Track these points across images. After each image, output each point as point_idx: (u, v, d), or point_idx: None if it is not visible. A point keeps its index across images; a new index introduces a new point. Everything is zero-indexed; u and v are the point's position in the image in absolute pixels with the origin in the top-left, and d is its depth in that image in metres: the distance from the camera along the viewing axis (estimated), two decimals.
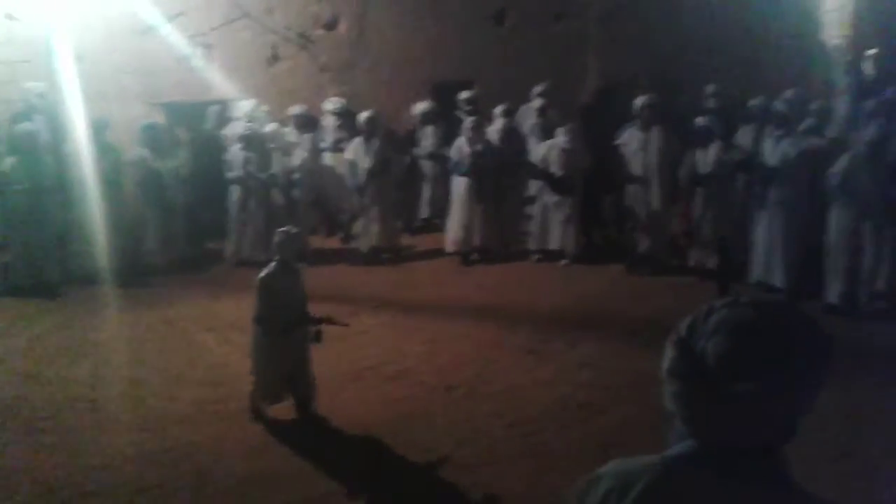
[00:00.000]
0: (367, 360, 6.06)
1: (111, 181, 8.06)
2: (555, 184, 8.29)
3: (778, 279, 7.15)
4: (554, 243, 8.50)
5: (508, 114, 9.07)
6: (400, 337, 6.59)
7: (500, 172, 8.66)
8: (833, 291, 6.67)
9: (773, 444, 1.37)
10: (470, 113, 9.29)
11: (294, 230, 5.18)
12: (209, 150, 9.26)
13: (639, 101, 8.05)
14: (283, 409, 5.16)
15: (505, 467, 4.55)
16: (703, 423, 1.37)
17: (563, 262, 8.45)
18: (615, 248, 8.62)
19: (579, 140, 8.38)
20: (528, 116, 9.68)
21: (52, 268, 7.86)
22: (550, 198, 8.41)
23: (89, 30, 9.15)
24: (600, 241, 8.92)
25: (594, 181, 8.51)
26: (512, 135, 8.95)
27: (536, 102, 9.63)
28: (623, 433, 4.82)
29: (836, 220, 6.63)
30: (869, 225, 6.46)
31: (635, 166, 7.94)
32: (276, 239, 5.07)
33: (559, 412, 5.23)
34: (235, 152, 8.65)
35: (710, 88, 9.36)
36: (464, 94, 9.81)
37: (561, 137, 8.29)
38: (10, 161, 7.75)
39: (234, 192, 8.70)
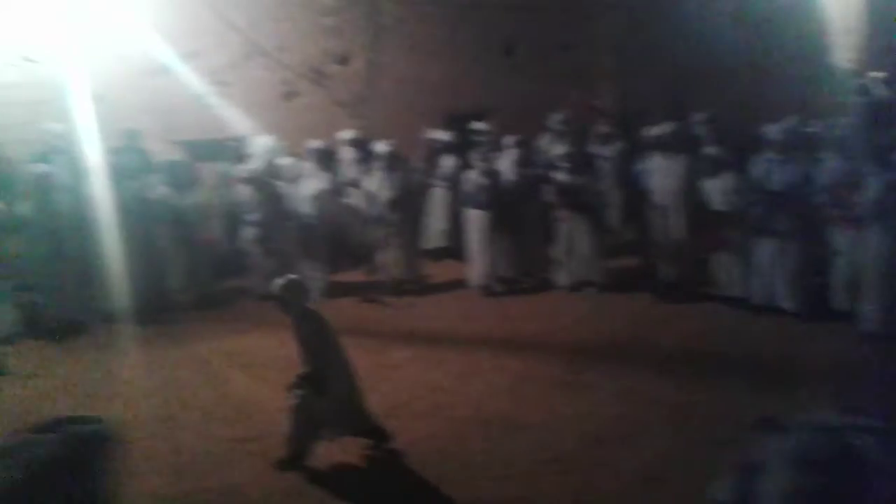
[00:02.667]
0: (397, 396, 5.99)
1: (135, 219, 8.08)
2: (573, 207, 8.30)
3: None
4: (580, 272, 8.49)
5: (520, 144, 9.06)
6: (429, 371, 6.52)
7: (517, 203, 8.66)
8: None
9: None
10: (482, 143, 9.35)
11: (295, 277, 5.13)
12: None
13: (662, 128, 8.06)
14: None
15: None
16: None
17: (590, 290, 8.41)
18: (643, 275, 8.56)
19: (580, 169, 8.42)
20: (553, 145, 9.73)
21: (78, 308, 7.84)
22: (572, 226, 8.40)
23: (107, 70, 9.21)
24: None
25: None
26: (526, 165, 8.94)
27: (557, 130, 9.72)
28: (662, 467, 4.75)
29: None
30: None
31: (659, 194, 7.92)
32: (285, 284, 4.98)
33: (597, 446, 5.15)
34: (244, 192, 8.71)
35: (698, 116, 9.36)
36: (476, 125, 9.84)
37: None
38: (27, 204, 7.79)
39: (249, 231, 8.72)
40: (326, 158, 9.64)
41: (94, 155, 8.53)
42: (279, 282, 4.98)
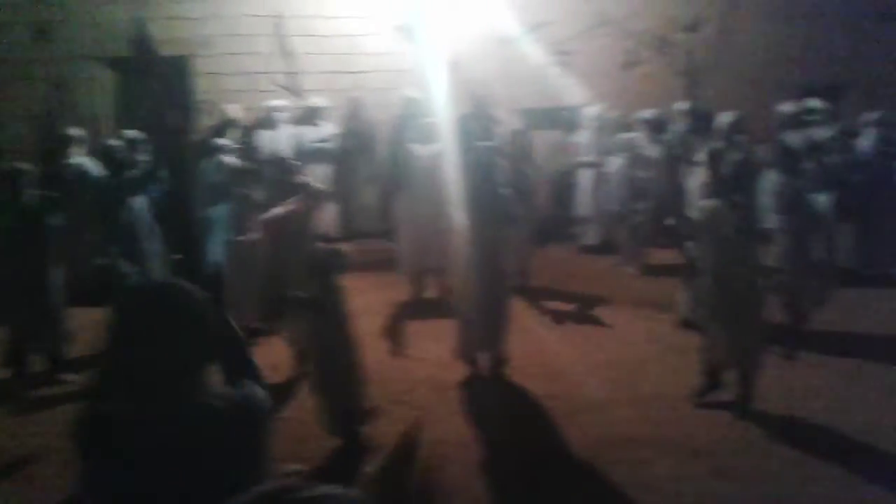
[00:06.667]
0: None
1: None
2: None
3: None
4: None
5: (882, 123, 8.12)
6: None
7: (872, 187, 7.74)
8: None
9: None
10: (824, 122, 8.48)
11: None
12: None
13: None
14: None
15: None
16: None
17: None
18: None
19: None
20: None
21: None
22: None
23: (462, 39, 9.93)
24: None
25: None
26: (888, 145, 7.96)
27: None
28: None
29: None
30: None
31: None
32: None
33: None
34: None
35: None
36: (812, 102, 8.90)
37: None
38: None
39: None
40: (658, 129, 9.44)
41: (445, 120, 9.32)
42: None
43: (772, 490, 4.31)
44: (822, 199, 7.05)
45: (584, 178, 9.51)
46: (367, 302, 7.89)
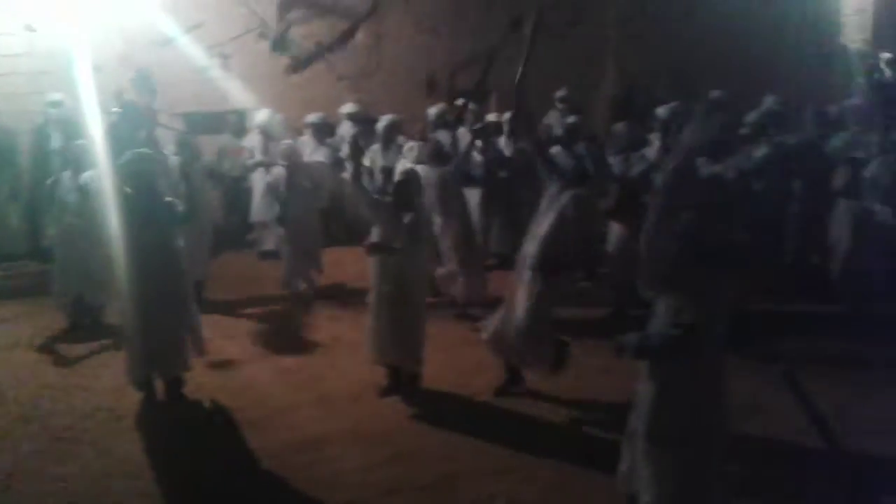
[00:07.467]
0: None
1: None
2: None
3: None
4: None
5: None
6: None
7: (514, 182, 8.64)
8: None
9: None
10: (473, 120, 9.38)
11: None
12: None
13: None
14: None
15: None
16: None
17: None
18: None
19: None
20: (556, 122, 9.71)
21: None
22: None
23: (108, 41, 9.23)
24: None
25: None
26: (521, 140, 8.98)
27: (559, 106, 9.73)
28: None
29: None
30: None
31: None
32: None
33: None
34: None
35: (715, 94, 9.25)
36: (460, 101, 9.82)
37: None
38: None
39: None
40: (325, 132, 9.64)
41: (92, 126, 8.58)
42: None
43: (447, 467, 4.65)
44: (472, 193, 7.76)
45: (258, 183, 9.39)
46: (16, 332, 7.10)
